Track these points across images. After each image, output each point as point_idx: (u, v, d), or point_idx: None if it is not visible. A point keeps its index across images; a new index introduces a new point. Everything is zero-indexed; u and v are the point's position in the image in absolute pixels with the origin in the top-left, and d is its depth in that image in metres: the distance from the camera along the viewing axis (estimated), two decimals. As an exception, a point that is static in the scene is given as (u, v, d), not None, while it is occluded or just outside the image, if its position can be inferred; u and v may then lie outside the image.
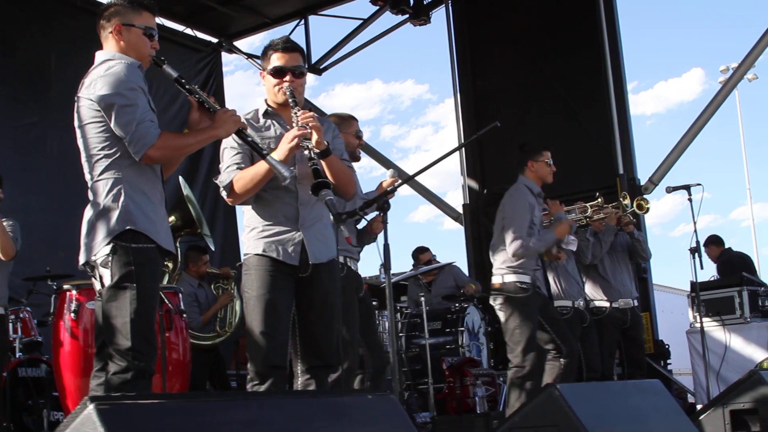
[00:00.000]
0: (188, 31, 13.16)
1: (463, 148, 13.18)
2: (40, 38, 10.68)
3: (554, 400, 3.74)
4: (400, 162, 21.61)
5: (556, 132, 12.12)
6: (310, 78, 14.51)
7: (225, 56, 13.99)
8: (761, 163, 51.26)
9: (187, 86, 4.36)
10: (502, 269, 6.84)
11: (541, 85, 12.57)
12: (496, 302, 6.84)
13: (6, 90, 10.30)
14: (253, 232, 4.72)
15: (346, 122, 6.15)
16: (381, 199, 4.95)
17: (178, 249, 7.34)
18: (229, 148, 4.71)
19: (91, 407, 2.51)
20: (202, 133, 4.33)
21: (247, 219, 4.80)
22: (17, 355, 7.51)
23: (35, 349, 7.77)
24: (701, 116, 11.70)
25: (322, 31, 19.92)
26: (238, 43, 13.99)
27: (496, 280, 6.86)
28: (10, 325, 7.50)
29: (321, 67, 14.18)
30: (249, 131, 4.51)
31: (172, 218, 7.61)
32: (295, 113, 4.60)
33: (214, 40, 13.65)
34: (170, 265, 7.22)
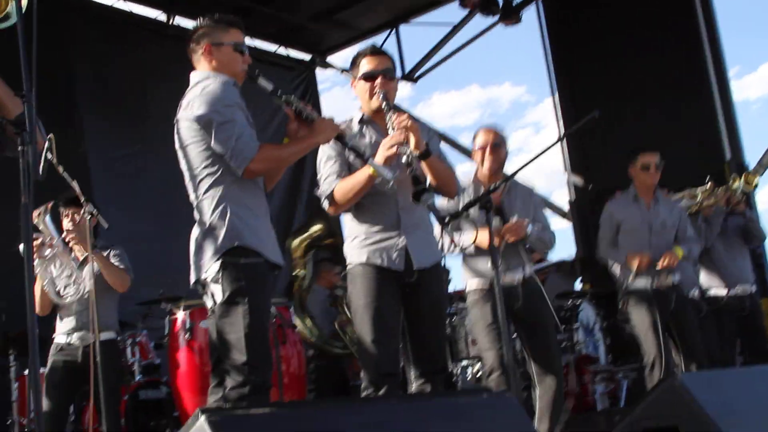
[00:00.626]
0: (281, 50, 13.25)
1: (567, 146, 13.03)
2: (133, 68, 10.86)
3: (676, 391, 3.61)
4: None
5: (657, 123, 11.86)
6: (406, 88, 14.51)
7: (320, 73, 14.07)
8: None
9: (283, 97, 4.37)
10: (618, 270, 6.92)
11: (638, 78, 12.29)
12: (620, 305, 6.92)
13: (103, 122, 10.53)
14: (355, 241, 4.70)
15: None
16: (484, 198, 4.89)
17: (311, 260, 7.47)
18: (326, 158, 4.71)
19: (202, 418, 2.53)
20: (301, 141, 4.33)
21: (349, 228, 4.79)
22: (137, 378, 7.63)
23: (154, 371, 7.88)
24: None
25: (414, 40, 19.84)
26: (331, 59, 14.05)
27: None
28: (129, 349, 7.65)
29: (415, 75, 14.13)
30: (348, 138, 4.51)
31: (317, 227, 7.72)
32: (390, 117, 4.58)
33: (308, 57, 13.71)
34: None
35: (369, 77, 4.75)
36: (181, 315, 6.48)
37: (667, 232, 6.96)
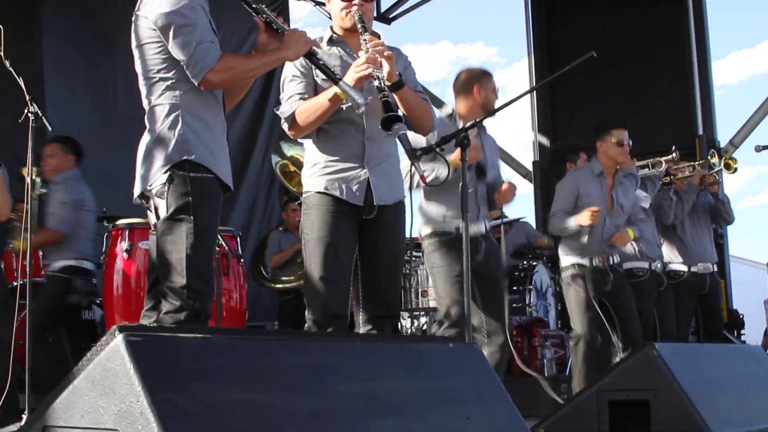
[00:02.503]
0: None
1: (535, 104, 12.80)
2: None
3: (652, 360, 3.34)
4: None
5: (633, 90, 11.77)
6: (380, 31, 14.08)
7: (294, 10, 13.59)
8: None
9: (253, 5, 4.02)
10: (560, 249, 6.81)
11: (619, 41, 12.06)
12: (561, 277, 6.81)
13: (72, 30, 10.03)
14: (314, 168, 4.39)
15: (484, 78, 5.76)
16: (460, 134, 4.56)
17: None
18: (291, 77, 4.39)
19: (119, 337, 2.14)
20: (268, 54, 3.98)
21: (309, 154, 4.48)
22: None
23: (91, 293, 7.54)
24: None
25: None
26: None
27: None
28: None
29: (390, 16, 13.73)
30: (321, 54, 4.16)
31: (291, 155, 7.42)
32: (365, 40, 4.26)
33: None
34: None
35: None
36: (120, 233, 6.11)
37: (622, 215, 6.80)
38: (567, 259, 6.68)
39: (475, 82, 5.69)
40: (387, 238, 4.40)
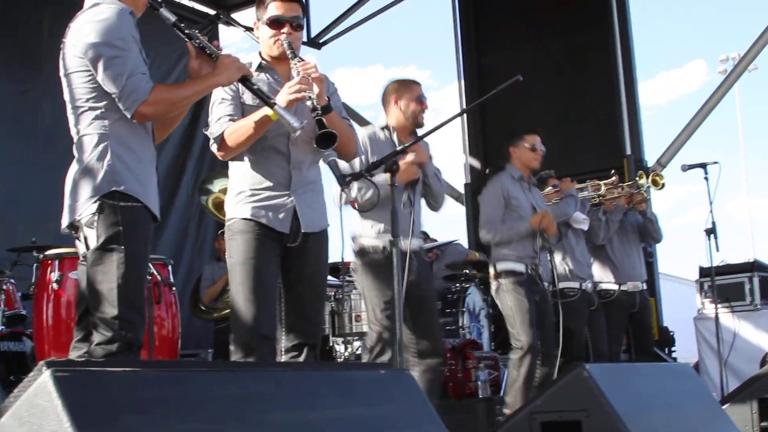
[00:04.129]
0: (185, 1, 12.71)
1: (466, 127, 12.90)
2: (32, 3, 10.23)
3: (583, 381, 3.37)
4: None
5: (562, 111, 11.98)
6: (311, 56, 14.09)
7: (223, 30, 13.54)
8: (759, 157, 51.11)
9: (186, 31, 3.99)
10: (494, 258, 6.71)
11: (548, 63, 12.25)
12: (493, 289, 6.73)
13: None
14: (240, 196, 4.38)
15: (406, 86, 5.78)
16: (389, 160, 4.57)
17: None
18: (221, 99, 4.38)
19: (47, 373, 2.09)
20: (200, 81, 3.96)
21: (234, 181, 4.46)
22: (-1, 329, 7.14)
23: (19, 322, 7.41)
24: (709, 100, 11.40)
25: (323, 5, 19.47)
26: (236, 16, 13.52)
27: (491, 270, 6.73)
28: (-7, 297, 7.15)
29: (321, 41, 13.74)
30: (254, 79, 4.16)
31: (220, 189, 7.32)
32: (295, 64, 4.28)
33: (212, 12, 13.18)
34: None
35: (275, 23, 4.46)
36: (50, 264, 6.02)
37: None
38: (504, 265, 6.61)
39: (394, 93, 5.75)
40: (311, 265, 4.40)
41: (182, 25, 4.00)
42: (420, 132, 5.60)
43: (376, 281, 5.37)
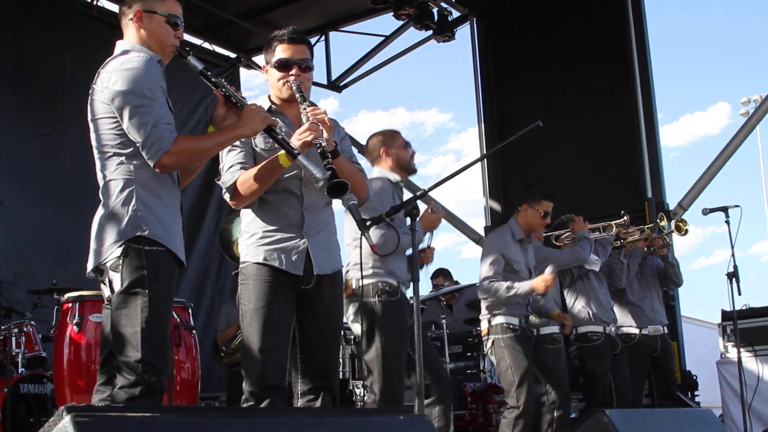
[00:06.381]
0: (206, 45, 12.87)
1: (486, 170, 12.90)
2: (54, 48, 10.32)
3: (603, 427, 3.35)
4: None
5: (582, 154, 11.91)
6: (334, 103, 14.20)
7: (244, 73, 13.69)
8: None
9: (213, 79, 4.02)
10: (487, 313, 6.64)
11: (568, 107, 12.23)
12: (487, 346, 6.65)
13: (18, 100, 9.98)
14: (252, 239, 4.35)
15: (391, 137, 5.87)
16: (409, 205, 4.57)
17: None
18: (231, 146, 4.32)
19: (67, 419, 2.10)
20: (224, 133, 3.98)
21: (246, 224, 4.42)
22: (19, 371, 7.15)
23: (39, 364, 7.43)
24: (731, 143, 11.36)
25: (344, 49, 19.61)
26: (257, 59, 13.65)
27: (483, 325, 6.68)
28: (13, 339, 7.16)
29: (341, 84, 13.83)
30: (278, 128, 4.14)
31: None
32: (304, 109, 4.26)
33: (233, 55, 13.33)
34: None
35: (283, 66, 4.44)
36: (70, 305, 6.04)
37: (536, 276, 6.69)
38: (498, 319, 6.55)
39: (381, 146, 5.83)
40: (326, 308, 4.35)
41: (209, 73, 4.03)
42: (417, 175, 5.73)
43: (389, 327, 5.44)
